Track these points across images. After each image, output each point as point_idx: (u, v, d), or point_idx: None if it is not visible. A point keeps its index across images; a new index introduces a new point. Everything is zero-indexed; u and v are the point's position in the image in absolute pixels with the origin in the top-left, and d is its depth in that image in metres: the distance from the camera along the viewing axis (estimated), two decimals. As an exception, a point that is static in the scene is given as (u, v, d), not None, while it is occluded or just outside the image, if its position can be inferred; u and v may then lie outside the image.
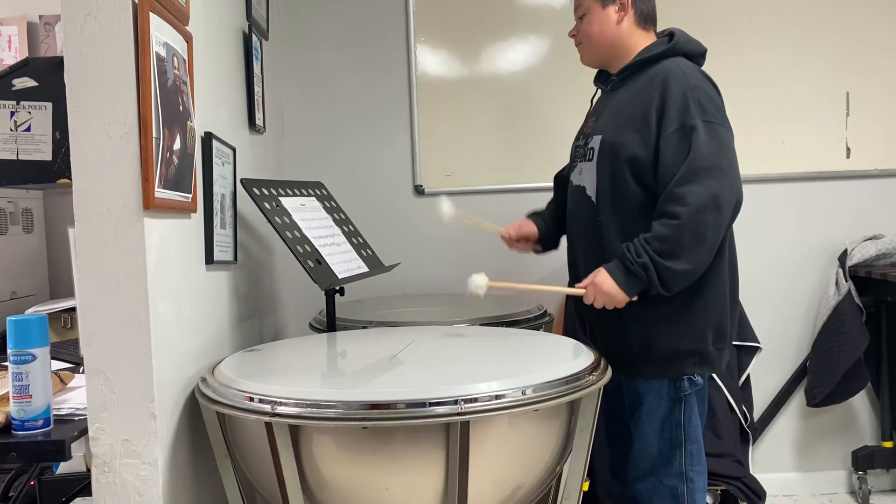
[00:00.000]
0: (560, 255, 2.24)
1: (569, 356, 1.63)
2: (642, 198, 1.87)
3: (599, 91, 2.14)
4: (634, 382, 1.94)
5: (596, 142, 1.95)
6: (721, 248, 1.87)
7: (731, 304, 1.94)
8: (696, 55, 1.97)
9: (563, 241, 2.21)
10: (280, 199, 2.14)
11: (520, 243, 2.22)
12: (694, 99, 1.81)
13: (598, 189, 1.94)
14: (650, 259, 1.77)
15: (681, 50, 1.93)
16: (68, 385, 1.67)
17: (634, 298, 1.83)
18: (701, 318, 1.88)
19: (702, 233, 1.76)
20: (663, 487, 1.92)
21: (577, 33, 2.06)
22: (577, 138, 2.13)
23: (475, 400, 1.36)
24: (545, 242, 2.24)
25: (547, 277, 2.96)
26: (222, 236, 1.96)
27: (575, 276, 2.10)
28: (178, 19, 1.63)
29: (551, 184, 2.32)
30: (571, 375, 1.51)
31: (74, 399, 1.59)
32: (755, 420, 2.99)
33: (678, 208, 1.76)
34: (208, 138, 1.87)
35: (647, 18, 1.99)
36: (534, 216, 2.26)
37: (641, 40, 1.98)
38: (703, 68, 1.97)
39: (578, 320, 2.12)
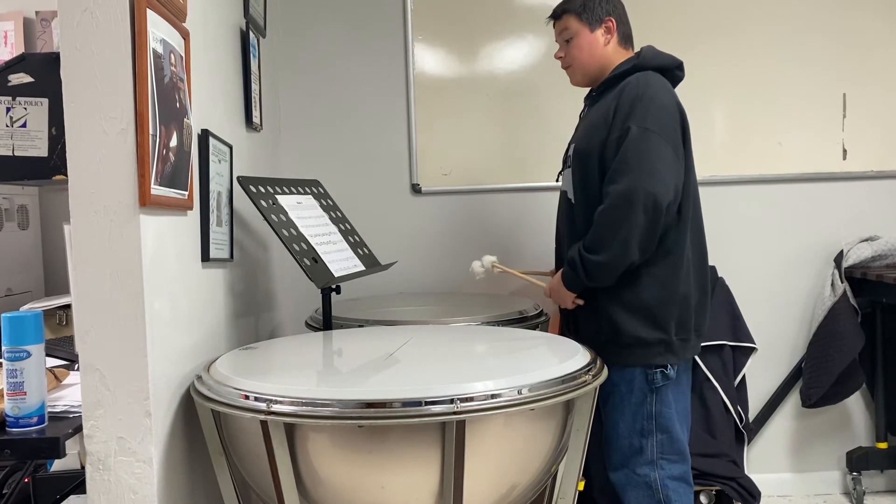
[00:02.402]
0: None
1: (564, 356, 1.63)
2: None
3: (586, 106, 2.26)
4: (610, 371, 1.97)
5: (573, 150, 2.11)
6: (680, 245, 1.98)
7: (698, 297, 2.03)
8: (669, 68, 2.08)
9: None
10: (276, 196, 2.13)
11: None
12: (639, 107, 1.94)
13: (575, 192, 2.08)
14: (578, 253, 1.96)
15: (648, 65, 2.05)
16: (63, 382, 1.67)
17: (580, 301, 2.03)
18: (663, 310, 1.97)
19: (616, 228, 1.89)
20: (636, 477, 1.99)
21: (564, 56, 2.18)
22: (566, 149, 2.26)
23: (471, 399, 1.36)
24: None
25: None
26: (218, 234, 1.95)
27: None
28: (175, 16, 1.63)
29: (548, 183, 2.37)
30: (567, 375, 1.51)
31: (69, 396, 1.59)
32: (750, 420, 2.99)
33: (600, 206, 1.93)
34: (205, 135, 1.87)
35: (627, 39, 2.14)
36: None
37: (623, 59, 2.11)
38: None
39: (561, 314, 2.21)
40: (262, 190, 2.09)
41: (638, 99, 1.94)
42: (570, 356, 1.62)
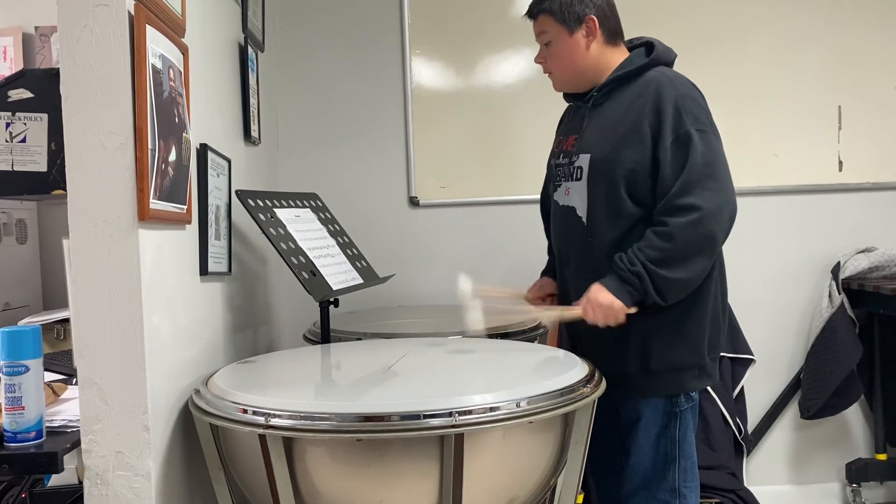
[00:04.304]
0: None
1: (563, 368, 1.63)
2: (635, 216, 1.84)
3: (570, 107, 2.11)
4: (632, 401, 1.93)
5: (584, 160, 1.90)
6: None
7: (721, 312, 1.94)
8: (672, 62, 1.96)
9: None
10: (275, 210, 2.14)
11: (545, 301, 2.18)
12: (685, 108, 1.80)
13: (590, 209, 1.90)
14: (643, 267, 1.75)
15: (661, 60, 1.91)
16: (61, 397, 1.67)
17: (633, 310, 1.79)
18: (696, 329, 1.86)
19: (699, 242, 1.75)
20: (656, 502, 1.91)
21: (544, 61, 1.99)
22: (555, 156, 2.08)
23: (469, 412, 1.36)
24: None
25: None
26: (217, 247, 1.96)
27: (565, 298, 2.08)
28: (174, 31, 1.64)
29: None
30: (566, 388, 1.51)
31: (67, 411, 1.58)
32: (749, 432, 2.99)
33: (675, 219, 1.75)
34: (203, 150, 1.87)
35: (614, 34, 1.94)
36: (548, 272, 2.24)
37: (614, 57, 1.93)
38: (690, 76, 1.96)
39: (571, 347, 2.09)
40: (261, 203, 2.09)
41: (681, 98, 1.80)
42: (569, 368, 1.62)
